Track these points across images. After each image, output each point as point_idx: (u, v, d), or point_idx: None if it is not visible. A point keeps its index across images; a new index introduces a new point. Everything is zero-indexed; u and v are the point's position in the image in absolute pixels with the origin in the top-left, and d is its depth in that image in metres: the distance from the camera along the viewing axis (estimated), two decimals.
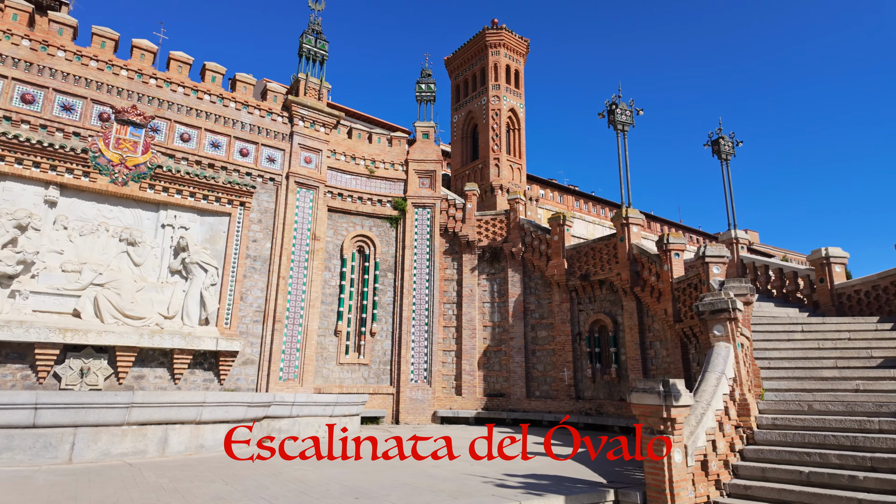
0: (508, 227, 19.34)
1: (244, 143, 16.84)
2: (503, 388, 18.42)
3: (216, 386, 15.19)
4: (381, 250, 19.12)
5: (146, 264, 14.85)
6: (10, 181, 13.28)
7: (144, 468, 8.33)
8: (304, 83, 18.26)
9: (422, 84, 20.97)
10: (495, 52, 26.19)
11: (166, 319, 14.59)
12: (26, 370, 12.78)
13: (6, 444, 8.35)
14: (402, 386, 17.72)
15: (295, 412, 12.75)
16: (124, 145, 14.58)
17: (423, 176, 19.85)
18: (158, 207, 15.32)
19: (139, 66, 15.30)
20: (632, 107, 17.88)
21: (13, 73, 13.49)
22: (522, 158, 26.07)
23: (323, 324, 17.63)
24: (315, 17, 18.89)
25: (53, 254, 13.58)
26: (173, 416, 9.69)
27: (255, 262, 16.52)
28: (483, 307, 19.30)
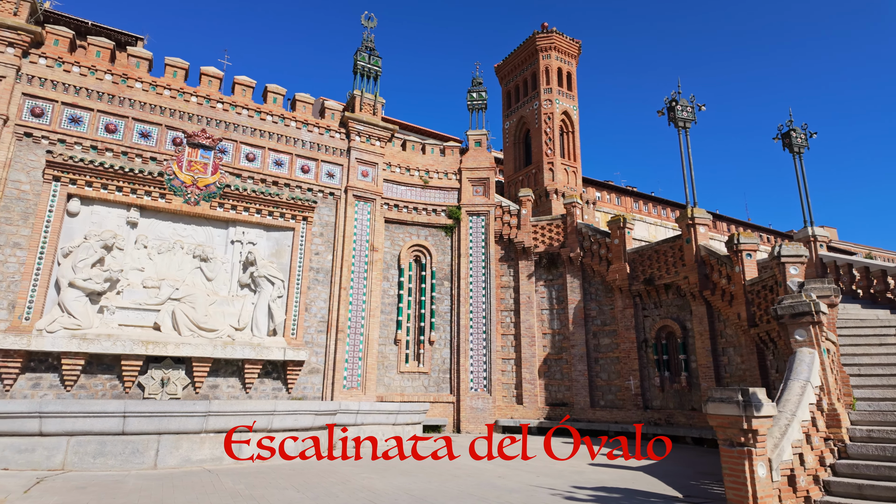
0: (565, 232, 18.99)
1: (305, 160, 17.49)
2: (566, 398, 18.01)
3: (284, 394, 15.74)
4: (436, 259, 19.26)
5: (218, 279, 15.66)
6: (97, 205, 14.42)
7: (222, 474, 8.72)
8: (359, 99, 18.79)
9: (473, 93, 21.06)
10: (546, 55, 25.93)
11: (237, 331, 15.29)
12: (114, 380, 13.74)
13: (99, 449, 8.99)
14: (462, 394, 17.69)
15: (359, 420, 12.98)
16: (196, 167, 15.49)
17: (477, 184, 19.87)
18: (228, 224, 16.15)
19: (207, 92, 16.25)
20: (693, 102, 17.19)
21: (98, 105, 14.67)
22: (577, 161, 25.58)
23: (383, 333, 17.93)
24: (368, 35, 19.42)
25: (135, 271, 14.58)
26: (247, 424, 10.09)
27: (318, 274, 17.06)
28: (541, 314, 19.00)
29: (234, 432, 9.92)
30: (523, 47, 26.88)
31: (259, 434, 10.25)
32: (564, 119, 25.75)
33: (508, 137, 27.57)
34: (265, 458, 10.29)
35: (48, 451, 8.77)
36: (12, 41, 13.72)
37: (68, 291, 13.25)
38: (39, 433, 8.81)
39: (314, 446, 11.35)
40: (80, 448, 8.89)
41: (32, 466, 8.69)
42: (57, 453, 8.79)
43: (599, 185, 37.32)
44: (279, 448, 10.61)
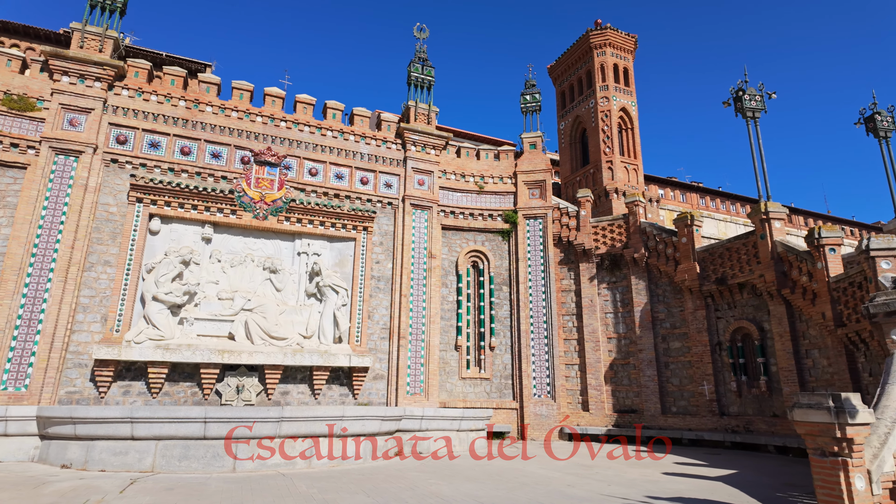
0: (628, 232, 18.39)
1: (364, 172, 17.96)
2: (634, 404, 17.37)
3: (351, 400, 16.14)
4: (494, 264, 19.18)
5: (286, 289, 16.33)
6: (175, 223, 15.43)
7: (295, 478, 9.03)
8: (413, 109, 19.10)
9: (526, 95, 20.90)
10: (601, 52, 25.35)
11: (305, 339, 15.86)
12: (194, 387, 14.59)
13: (184, 453, 9.55)
14: (525, 401, 17.45)
15: (424, 426, 13.10)
16: (263, 184, 16.26)
17: (533, 186, 19.65)
18: (294, 237, 16.83)
19: (271, 112, 17.06)
20: (761, 91, 16.27)
21: (174, 130, 15.74)
22: (638, 158, 24.78)
23: (443, 339, 18.02)
24: (420, 46, 19.73)
25: (211, 284, 15.46)
26: (317, 430, 10.42)
27: (379, 283, 17.42)
28: (605, 318, 18.46)
29: (307, 437, 10.26)
30: (577, 46, 26.41)
31: (329, 439, 10.53)
32: (623, 116, 25.04)
33: (564, 138, 27.12)
34: (335, 463, 10.57)
35: (139, 454, 9.41)
36: (99, 76, 14.99)
37: (152, 304, 14.23)
38: (131, 437, 9.48)
39: (381, 451, 11.55)
40: (167, 451, 9.48)
41: (126, 468, 9.35)
42: (147, 456, 9.42)
43: (662, 182, 35.94)
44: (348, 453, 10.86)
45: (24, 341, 13.12)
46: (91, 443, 9.52)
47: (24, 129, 14.31)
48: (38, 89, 14.68)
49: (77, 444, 9.65)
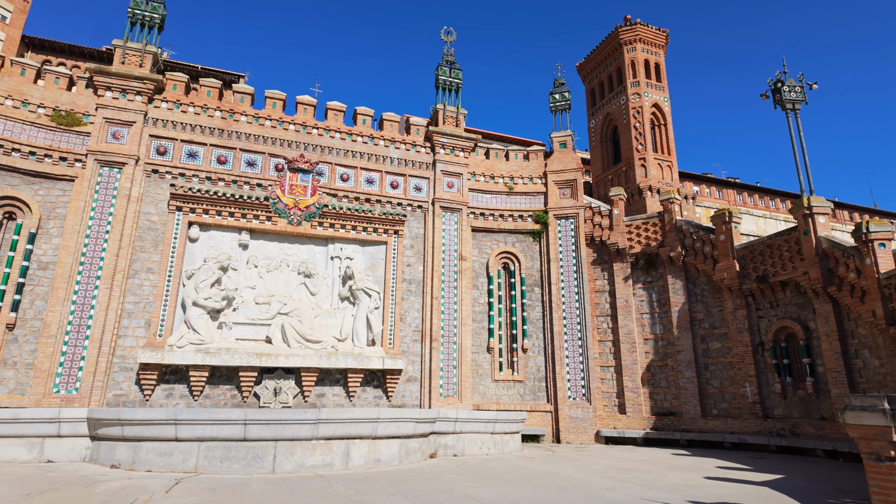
0: (664, 231, 17.99)
1: (394, 176, 18.12)
2: (673, 406, 16.95)
3: (385, 402, 16.26)
4: (525, 265, 19.03)
5: (320, 293, 16.60)
6: (213, 230, 15.89)
7: (333, 480, 9.14)
8: (441, 113, 19.17)
9: (555, 94, 20.70)
10: (631, 48, 24.93)
11: (339, 342, 16.08)
12: (233, 390, 14.96)
13: (225, 454, 9.79)
14: (559, 403, 17.24)
15: (458, 428, 13.08)
16: (296, 190, 16.59)
17: (563, 186, 19.43)
18: (327, 242, 17.10)
19: (303, 119, 17.40)
20: (801, 82, 15.72)
21: (210, 139, 16.21)
22: (672, 155, 24.24)
23: (475, 341, 17.98)
24: (448, 49, 19.80)
25: (248, 289, 15.85)
26: (353, 432, 10.53)
27: (411, 285, 17.52)
28: (641, 318, 18.08)
29: (342, 440, 10.39)
30: (606, 42, 26.05)
31: (365, 441, 10.64)
32: (655, 112, 24.55)
33: (595, 136, 26.76)
34: (371, 464, 10.66)
35: (183, 455, 9.70)
36: (140, 90, 15.58)
37: (192, 310, 14.67)
38: (175, 439, 9.78)
39: (416, 453, 11.59)
40: (209, 453, 9.74)
41: (171, 469, 9.65)
42: (190, 457, 9.70)
43: (697, 178, 35.06)
44: (383, 454, 10.94)
45: (74, 346, 13.71)
46: (138, 444, 9.86)
47: (71, 143, 14.99)
48: (84, 105, 15.35)
49: (125, 444, 10.01)
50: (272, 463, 9.84)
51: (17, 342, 13.72)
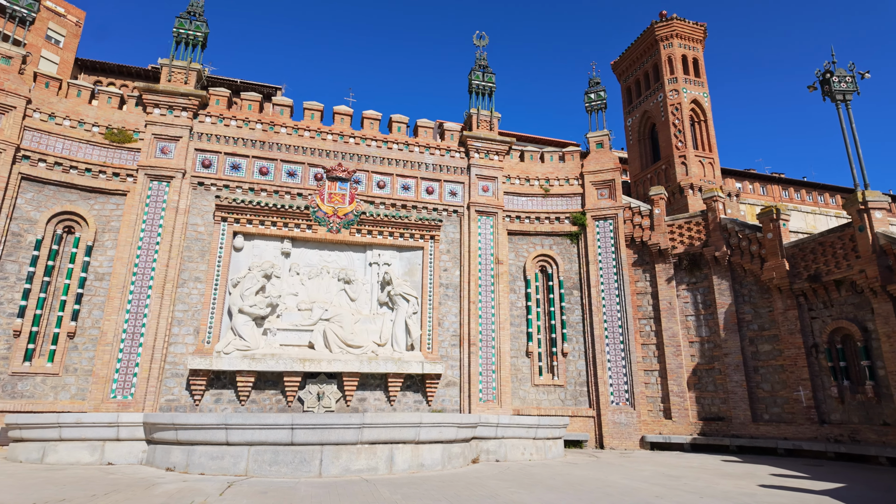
0: (707, 230, 17.48)
1: (429, 182, 18.25)
2: (722, 411, 16.40)
3: (425, 407, 16.34)
4: (563, 268, 18.80)
5: (360, 299, 16.85)
6: (256, 239, 16.37)
7: (378, 484, 9.24)
8: (475, 117, 19.20)
9: (590, 94, 20.44)
10: (667, 44, 24.41)
11: (379, 347, 16.27)
12: (278, 395, 15.32)
13: (274, 458, 10.03)
14: (602, 408, 16.93)
15: (500, 433, 13.01)
16: (335, 198, 16.92)
17: (601, 187, 19.13)
18: (365, 248, 17.36)
19: (340, 129, 17.74)
20: (852, 71, 15.07)
21: (252, 151, 16.72)
22: (713, 151, 23.56)
23: (514, 345, 17.86)
24: (480, 53, 19.84)
25: (290, 296, 16.23)
26: (396, 436, 10.62)
27: (448, 290, 17.57)
28: (686, 321, 17.59)
29: (386, 444, 10.49)
30: (641, 39, 25.57)
31: (408, 445, 10.71)
32: (694, 108, 23.94)
33: (632, 135, 26.28)
34: (414, 469, 10.72)
35: (234, 459, 9.99)
36: (185, 106, 16.21)
37: (238, 317, 15.12)
38: (226, 443, 10.08)
39: (458, 458, 11.59)
40: (259, 457, 10.00)
41: (222, 472, 9.95)
42: (241, 461, 9.98)
43: (740, 175, 33.95)
44: (426, 459, 10.99)
45: (128, 353, 14.33)
46: (191, 447, 10.21)
47: (123, 159, 15.73)
48: (134, 122, 16.08)
49: (179, 448, 10.38)
50: (318, 467, 10.02)
51: (77, 350, 14.44)
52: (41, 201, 15.00)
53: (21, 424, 11.14)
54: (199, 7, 17.36)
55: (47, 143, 15.17)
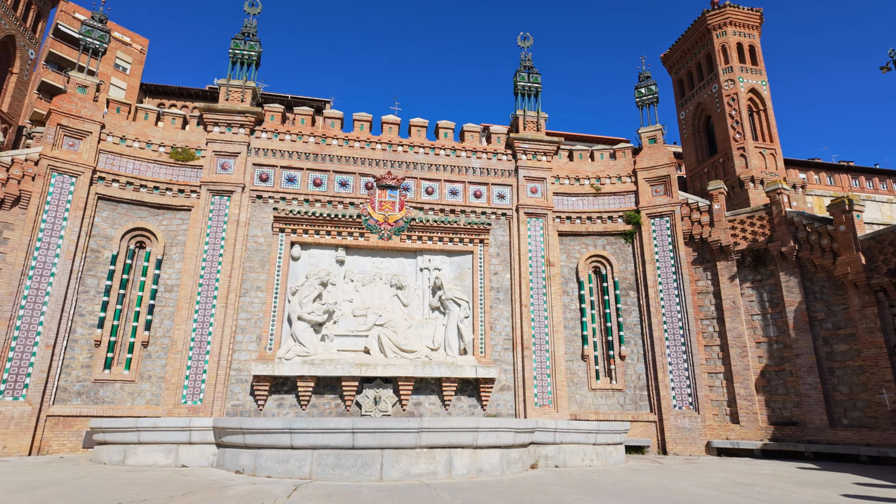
0: (772, 224, 16.61)
1: (476, 186, 18.27)
2: (794, 415, 15.50)
3: (480, 411, 16.30)
4: (618, 268, 18.33)
5: (412, 304, 17.05)
6: (313, 248, 16.88)
7: (438, 488, 9.28)
8: (521, 119, 19.08)
9: (640, 88, 19.89)
10: (720, 32, 23.44)
11: (432, 351, 16.39)
12: (336, 399, 15.69)
13: (336, 462, 10.26)
14: (664, 413, 16.35)
15: (558, 439, 12.79)
16: (385, 206, 17.23)
17: (655, 183, 18.54)
18: (416, 254, 17.57)
19: (389, 138, 18.06)
20: None
21: (306, 164, 17.28)
22: (775, 142, 22.40)
23: (569, 349, 17.55)
24: (525, 55, 19.72)
25: (346, 302, 16.63)
26: (454, 441, 10.63)
27: (499, 293, 17.49)
28: (752, 320, 16.75)
29: (445, 448, 10.52)
30: (692, 29, 24.69)
31: (466, 450, 10.70)
32: (752, 97, 22.86)
33: (686, 128, 25.37)
34: (473, 474, 10.70)
35: (299, 463, 10.29)
36: (242, 123, 16.96)
37: (297, 324, 15.61)
38: (291, 446, 10.40)
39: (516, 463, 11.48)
40: (322, 460, 10.25)
41: (288, 475, 10.27)
42: (305, 464, 10.26)
43: (804, 165, 32.13)
44: (484, 464, 10.94)
45: (197, 360, 15.07)
46: (258, 451, 10.60)
47: (187, 176, 16.60)
48: (196, 141, 16.95)
49: (247, 451, 10.80)
50: (379, 471, 10.16)
51: (151, 358, 15.32)
52: (115, 219, 16.04)
53: (104, 428, 11.90)
54: (252, 27, 18.14)
55: (119, 164, 16.22)
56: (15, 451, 13.28)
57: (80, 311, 15.05)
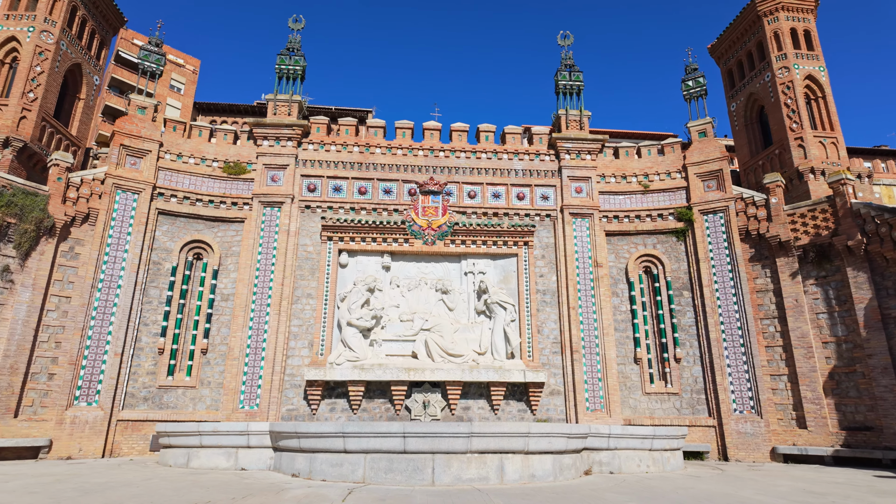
0: (836, 217, 15.68)
1: (519, 188, 18.13)
2: (868, 420, 14.53)
3: (529, 416, 16.11)
4: (670, 268, 17.73)
5: (457, 308, 17.07)
6: (359, 255, 17.20)
7: (491, 494, 9.22)
8: (564, 118, 18.82)
9: (688, 81, 19.25)
10: (772, 18, 22.40)
11: (479, 355, 16.34)
12: (386, 403, 15.87)
13: (388, 466, 10.37)
14: (723, 417, 15.66)
15: (612, 444, 12.47)
16: (428, 211, 17.36)
17: (707, 178, 17.86)
18: (460, 258, 17.59)
19: (430, 144, 18.21)
20: None
21: (351, 173, 17.65)
22: (836, 130, 21.17)
23: (620, 352, 17.09)
24: (566, 53, 19.48)
25: (392, 308, 16.83)
26: (505, 446, 10.54)
27: (545, 296, 17.26)
28: (817, 319, 15.84)
29: (495, 454, 10.45)
30: (741, 17, 23.72)
31: (518, 455, 10.60)
32: (809, 84, 21.71)
33: (737, 120, 24.34)
34: (525, 480, 10.57)
35: (352, 467, 10.46)
36: (290, 136, 17.50)
37: (347, 329, 15.92)
38: (344, 450, 10.59)
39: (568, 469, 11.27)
40: (374, 464, 10.38)
41: (342, 479, 10.45)
42: (358, 468, 10.43)
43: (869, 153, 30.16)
44: (536, 470, 10.79)
45: (252, 367, 15.60)
46: (313, 455, 10.84)
47: (239, 189, 17.26)
48: (247, 155, 17.62)
49: (302, 455, 11.07)
50: (431, 475, 10.19)
51: (210, 364, 15.97)
52: (174, 232, 16.85)
53: (168, 432, 12.48)
54: (296, 43, 18.73)
55: (177, 179, 17.05)
56: (90, 453, 14.13)
57: (145, 320, 15.87)
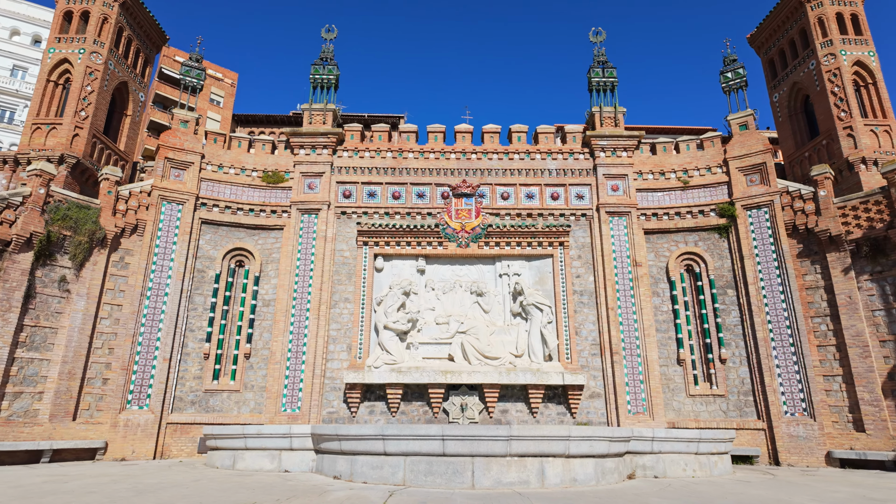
0: (891, 209, 14.88)
1: (553, 188, 17.94)
2: None
3: (569, 419, 15.88)
4: (713, 266, 17.19)
5: (493, 310, 17.01)
6: (394, 259, 17.37)
7: (532, 498, 9.12)
8: (598, 115, 18.53)
9: (727, 73, 18.66)
10: (816, 3, 21.47)
11: (516, 358, 16.21)
12: (424, 406, 15.93)
13: (428, 468, 10.40)
14: (773, 420, 15.05)
15: (656, 448, 12.15)
16: (462, 214, 17.37)
17: (750, 172, 17.25)
18: (494, 260, 17.53)
19: (462, 147, 18.23)
20: None
21: (385, 178, 17.86)
22: (889, 118, 20.08)
23: (662, 353, 16.66)
24: (598, 50, 19.20)
25: (428, 311, 16.91)
26: (545, 449, 10.42)
27: (582, 297, 17.00)
28: (873, 316, 15.04)
29: (536, 457, 10.34)
30: (782, 5, 22.82)
31: (558, 459, 10.46)
32: (858, 70, 20.67)
33: (780, 111, 23.41)
34: (567, 484, 10.42)
35: (392, 469, 10.54)
36: (325, 144, 17.85)
37: (384, 333, 16.09)
38: (384, 453, 10.68)
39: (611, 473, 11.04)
40: (414, 467, 10.43)
41: (383, 481, 10.54)
42: (398, 471, 10.50)
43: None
44: (578, 474, 10.62)
45: (294, 370, 15.94)
46: (354, 457, 10.98)
47: (278, 197, 17.71)
48: (285, 164, 18.06)
49: (343, 458, 11.23)
50: (471, 478, 10.17)
51: (253, 368, 16.40)
52: (217, 241, 17.42)
53: (215, 435, 12.88)
54: (329, 52, 19.11)
55: (218, 190, 17.63)
56: (142, 455, 14.72)
57: (191, 326, 16.45)
